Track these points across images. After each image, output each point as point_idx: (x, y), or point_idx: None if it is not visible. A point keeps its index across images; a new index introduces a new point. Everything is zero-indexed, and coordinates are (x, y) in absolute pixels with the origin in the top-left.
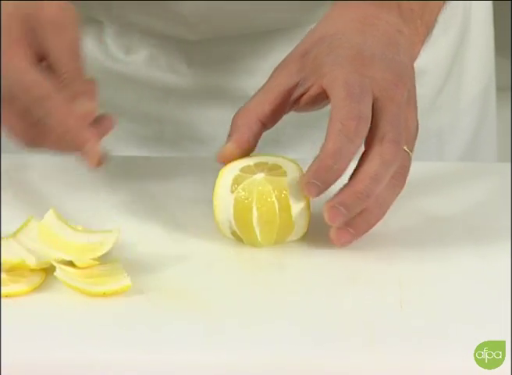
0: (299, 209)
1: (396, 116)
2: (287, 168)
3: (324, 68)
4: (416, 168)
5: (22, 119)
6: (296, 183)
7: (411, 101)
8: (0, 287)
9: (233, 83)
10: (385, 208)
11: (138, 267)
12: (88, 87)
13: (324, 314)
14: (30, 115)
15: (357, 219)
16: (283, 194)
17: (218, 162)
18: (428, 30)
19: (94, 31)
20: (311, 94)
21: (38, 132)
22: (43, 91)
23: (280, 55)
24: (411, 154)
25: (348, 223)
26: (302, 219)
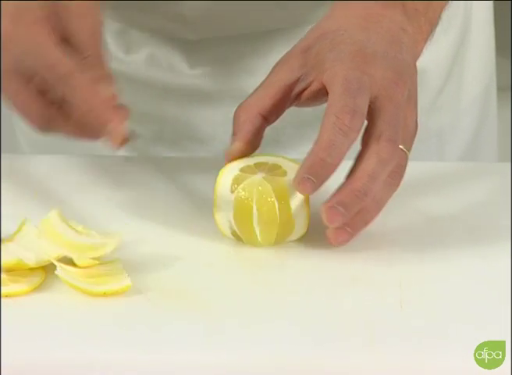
0: (299, 209)
1: (394, 116)
2: (287, 168)
3: (325, 64)
4: (416, 168)
5: (40, 99)
6: None
7: (412, 100)
8: (0, 287)
9: (233, 83)
10: (381, 206)
11: (138, 267)
12: (109, 73)
13: (324, 314)
14: (50, 93)
15: (354, 218)
16: (283, 194)
17: (227, 161)
18: (432, 27)
19: None
20: (312, 89)
21: (56, 113)
22: (68, 68)
23: (280, 55)
24: (408, 153)
25: (346, 221)
26: (302, 219)
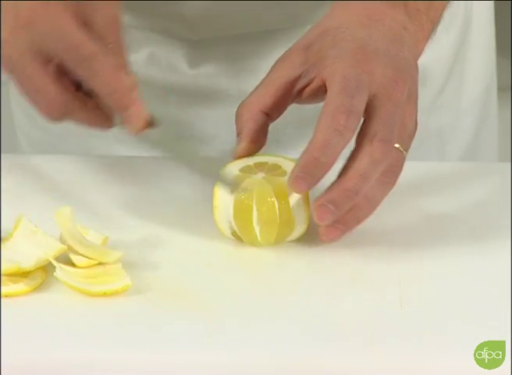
0: (299, 209)
1: (390, 115)
2: (287, 168)
3: (327, 60)
4: (417, 168)
5: (57, 82)
6: None
7: (412, 98)
8: (0, 287)
9: (234, 82)
10: (374, 205)
11: (138, 267)
12: (128, 63)
13: (324, 314)
14: (69, 76)
15: (346, 216)
16: (283, 193)
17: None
18: (433, 26)
19: None
20: (314, 86)
21: (72, 98)
22: (92, 50)
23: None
24: (405, 152)
25: (337, 218)
26: (302, 219)
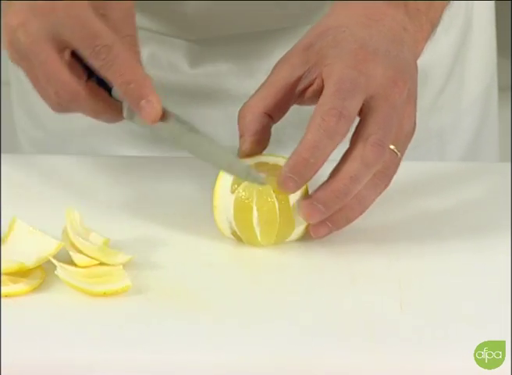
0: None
1: (387, 117)
2: None
3: (327, 60)
4: (417, 168)
5: (70, 70)
6: None
7: (411, 99)
8: (0, 287)
9: (234, 82)
10: (365, 205)
11: (138, 267)
12: (141, 58)
13: (324, 314)
14: (82, 65)
15: (337, 215)
16: (283, 194)
17: None
18: (433, 27)
19: None
20: (315, 87)
21: (84, 87)
22: (111, 39)
23: (282, 55)
24: (400, 154)
25: (327, 217)
26: (302, 219)
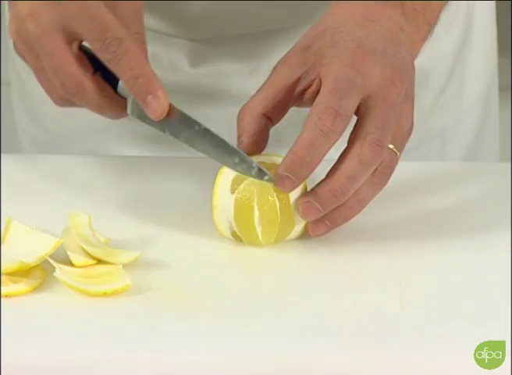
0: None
1: (384, 117)
2: None
3: (325, 59)
4: (418, 168)
5: (77, 62)
6: None
7: (409, 99)
8: (0, 287)
9: (235, 82)
10: (363, 204)
11: (138, 267)
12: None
13: (324, 314)
14: (93, 57)
15: (334, 213)
16: (284, 192)
17: None
18: (430, 27)
19: None
20: (314, 89)
21: (91, 80)
22: (121, 33)
23: (282, 55)
24: (399, 153)
25: (325, 215)
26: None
